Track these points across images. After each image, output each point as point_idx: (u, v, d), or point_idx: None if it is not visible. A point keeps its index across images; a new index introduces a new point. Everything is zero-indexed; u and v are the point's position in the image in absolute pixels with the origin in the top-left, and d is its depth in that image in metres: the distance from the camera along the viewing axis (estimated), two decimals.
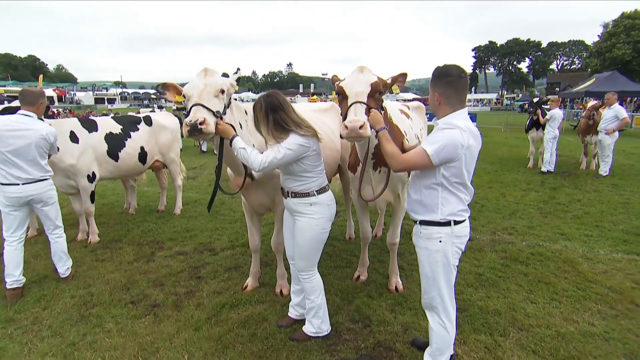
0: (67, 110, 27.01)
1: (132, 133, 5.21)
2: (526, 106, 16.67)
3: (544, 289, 3.46)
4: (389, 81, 2.63)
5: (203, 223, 5.57)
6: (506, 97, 57.36)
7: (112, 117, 5.38)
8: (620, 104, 8.71)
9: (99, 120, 5.10)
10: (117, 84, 76.94)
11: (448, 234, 2.09)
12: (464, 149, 1.99)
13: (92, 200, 4.83)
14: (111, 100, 56.38)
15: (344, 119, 2.44)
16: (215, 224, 5.51)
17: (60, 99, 43.15)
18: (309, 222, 2.56)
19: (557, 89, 39.94)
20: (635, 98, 26.00)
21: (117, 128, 5.11)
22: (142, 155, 5.29)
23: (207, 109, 2.43)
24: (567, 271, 3.82)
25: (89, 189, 4.73)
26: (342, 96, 2.55)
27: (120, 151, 5.01)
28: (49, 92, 37.72)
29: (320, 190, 2.57)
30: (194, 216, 5.94)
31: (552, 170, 8.57)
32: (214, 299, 3.40)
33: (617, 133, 8.14)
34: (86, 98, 52.12)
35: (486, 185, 7.47)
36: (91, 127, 4.85)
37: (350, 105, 2.40)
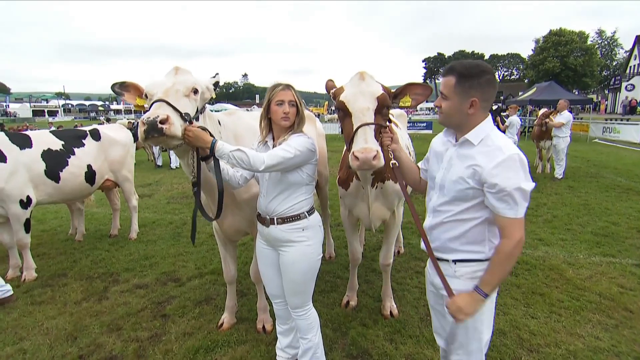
0: None
1: (76, 149, 4.50)
2: None
3: (540, 301, 3.33)
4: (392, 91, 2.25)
5: (164, 248, 4.94)
6: None
7: (51, 131, 4.62)
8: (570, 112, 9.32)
9: (33, 134, 4.34)
10: (60, 95, 71.29)
11: None
12: None
13: (27, 230, 4.06)
14: (52, 113, 51.93)
15: (350, 142, 2.04)
16: (178, 249, 4.91)
17: None
18: (303, 251, 2.16)
19: (502, 97, 43.00)
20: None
21: (57, 144, 4.38)
22: (90, 175, 4.59)
23: (173, 107, 1.95)
24: (556, 279, 3.75)
25: (22, 216, 3.97)
26: (343, 112, 2.14)
27: (61, 170, 4.28)
28: None
29: (311, 211, 2.21)
30: (152, 240, 5.28)
31: None
32: (185, 343, 2.87)
33: (569, 137, 8.63)
34: (22, 110, 47.59)
35: None
36: (23, 142, 4.09)
37: (358, 128, 2.00)
